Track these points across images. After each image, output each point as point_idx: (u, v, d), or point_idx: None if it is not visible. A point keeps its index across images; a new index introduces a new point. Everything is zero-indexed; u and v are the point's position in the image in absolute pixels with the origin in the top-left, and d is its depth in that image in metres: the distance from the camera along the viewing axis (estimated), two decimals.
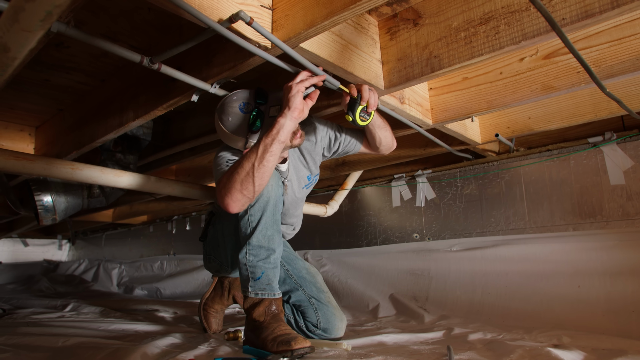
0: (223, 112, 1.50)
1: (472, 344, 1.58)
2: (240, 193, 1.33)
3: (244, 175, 1.31)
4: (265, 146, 1.33)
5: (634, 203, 2.08)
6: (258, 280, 1.53)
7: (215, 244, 1.89)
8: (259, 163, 1.31)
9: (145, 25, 1.61)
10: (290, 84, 1.39)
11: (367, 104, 1.50)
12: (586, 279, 2.02)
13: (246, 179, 1.31)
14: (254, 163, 1.31)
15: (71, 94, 2.20)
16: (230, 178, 1.34)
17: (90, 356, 1.35)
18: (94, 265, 5.62)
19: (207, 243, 1.95)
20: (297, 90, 1.37)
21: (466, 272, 2.42)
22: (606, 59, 1.55)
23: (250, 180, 1.31)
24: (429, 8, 1.54)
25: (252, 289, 1.53)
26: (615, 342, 1.56)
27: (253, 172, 1.31)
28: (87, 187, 2.61)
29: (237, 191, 1.32)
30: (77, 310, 2.76)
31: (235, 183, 1.32)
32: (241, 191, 1.33)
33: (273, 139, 1.34)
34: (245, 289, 1.55)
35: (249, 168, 1.31)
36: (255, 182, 1.32)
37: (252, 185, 1.32)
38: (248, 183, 1.32)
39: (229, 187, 1.33)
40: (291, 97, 1.36)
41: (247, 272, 1.54)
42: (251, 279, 1.53)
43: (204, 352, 1.46)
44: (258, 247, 1.53)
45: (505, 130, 2.25)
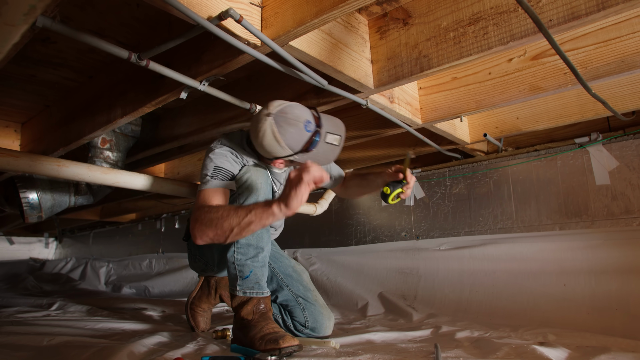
0: (286, 122, 1.44)
1: (460, 342, 1.59)
2: (211, 240, 1.35)
3: (220, 232, 1.32)
4: (250, 223, 1.30)
5: (618, 203, 2.11)
6: (246, 279, 1.52)
7: None
8: (237, 233, 1.32)
9: (133, 22, 1.60)
10: (299, 178, 1.26)
11: (404, 192, 1.57)
12: (572, 277, 2.04)
13: (220, 235, 1.33)
14: (233, 229, 1.31)
15: (58, 90, 2.17)
16: (208, 225, 1.33)
17: (76, 355, 1.34)
18: (82, 263, 5.55)
19: (192, 242, 1.93)
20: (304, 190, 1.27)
21: (454, 271, 2.44)
22: (592, 61, 1.57)
23: (223, 238, 1.34)
24: (418, 8, 1.54)
25: (241, 288, 1.52)
26: (600, 339, 1.58)
27: (228, 235, 1.32)
28: (74, 185, 2.58)
29: (209, 238, 1.35)
30: (63, 309, 2.72)
31: (209, 232, 1.33)
32: (212, 239, 1.35)
33: (261, 222, 1.30)
34: (234, 288, 1.54)
35: (227, 230, 1.32)
36: (227, 240, 1.34)
37: (224, 240, 1.34)
38: (221, 238, 1.34)
39: (203, 230, 1.34)
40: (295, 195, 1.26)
41: (235, 271, 1.53)
42: (239, 277, 1.52)
43: (192, 350, 1.45)
44: (246, 245, 1.53)
45: (493, 130, 2.27)
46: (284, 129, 1.44)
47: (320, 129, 1.47)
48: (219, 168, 1.52)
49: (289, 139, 1.45)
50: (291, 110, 1.47)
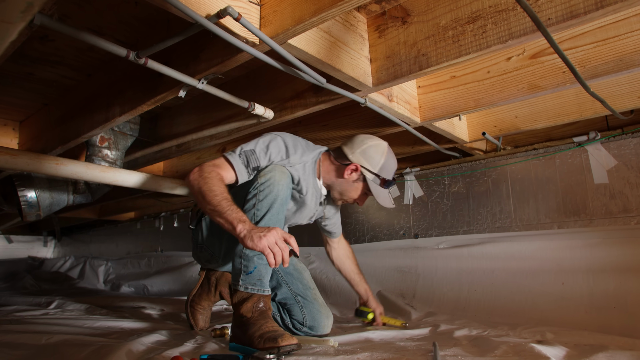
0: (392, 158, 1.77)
1: (458, 340, 1.59)
2: (193, 189, 1.46)
3: (200, 197, 1.43)
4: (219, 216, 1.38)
5: (616, 202, 2.11)
6: (250, 275, 1.51)
7: (210, 232, 1.82)
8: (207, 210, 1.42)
9: (132, 20, 1.59)
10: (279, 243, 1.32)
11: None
12: (570, 276, 2.05)
13: (198, 197, 1.44)
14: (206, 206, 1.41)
15: (56, 89, 2.17)
16: (202, 184, 1.43)
17: (74, 354, 1.34)
18: (80, 262, 5.55)
19: (199, 231, 1.88)
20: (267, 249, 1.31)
21: (453, 270, 2.44)
22: (591, 60, 1.57)
23: (197, 199, 1.45)
24: (417, 6, 1.54)
25: (243, 283, 1.51)
26: (597, 337, 1.59)
27: (202, 205, 1.44)
28: (72, 183, 2.58)
29: (193, 188, 1.45)
30: (61, 307, 2.72)
31: (198, 184, 1.44)
32: (194, 190, 1.45)
33: (222, 224, 1.39)
34: (236, 282, 1.53)
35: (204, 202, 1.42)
36: (197, 203, 1.47)
37: (196, 199, 1.46)
38: (197, 197, 1.45)
39: (197, 180, 1.44)
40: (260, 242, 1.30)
41: (241, 265, 1.52)
42: (243, 272, 1.51)
43: (190, 349, 1.45)
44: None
45: (492, 129, 2.27)
46: (389, 157, 1.74)
47: (394, 185, 1.76)
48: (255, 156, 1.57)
49: (386, 165, 1.72)
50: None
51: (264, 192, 1.51)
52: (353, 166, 1.71)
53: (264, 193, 1.51)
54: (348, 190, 1.77)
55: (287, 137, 1.66)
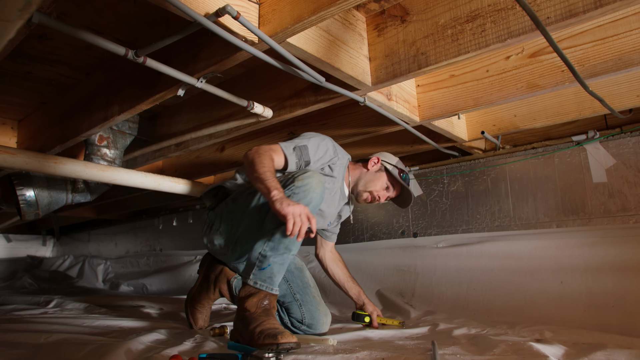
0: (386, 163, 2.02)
1: (457, 339, 1.59)
2: (247, 161, 1.59)
3: (251, 167, 1.55)
4: (262, 181, 1.49)
5: (615, 200, 2.12)
6: (262, 270, 1.54)
7: (231, 217, 1.79)
8: (253, 176, 1.54)
9: (130, 18, 1.59)
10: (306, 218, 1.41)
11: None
12: (569, 275, 2.05)
13: (250, 167, 1.57)
14: (256, 173, 1.53)
15: (55, 87, 2.16)
16: (256, 159, 1.56)
17: (73, 352, 1.34)
18: (79, 261, 5.55)
19: (218, 214, 1.85)
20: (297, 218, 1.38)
21: (452, 268, 2.44)
22: (590, 59, 1.57)
23: (249, 168, 1.57)
24: (416, 5, 1.54)
25: (254, 277, 1.54)
26: (596, 336, 1.59)
27: (252, 173, 1.55)
28: (71, 182, 2.57)
29: (248, 160, 1.59)
30: (60, 306, 2.72)
31: (252, 158, 1.57)
32: (249, 162, 1.57)
33: (265, 184, 1.48)
34: (247, 276, 1.56)
35: (255, 170, 1.53)
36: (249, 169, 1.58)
37: (248, 171, 1.58)
38: (249, 167, 1.57)
39: (254, 156, 1.58)
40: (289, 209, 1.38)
41: (256, 260, 1.55)
42: (257, 267, 1.54)
43: (189, 348, 1.45)
44: (280, 240, 1.54)
45: (491, 128, 2.27)
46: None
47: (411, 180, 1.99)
48: (307, 151, 1.71)
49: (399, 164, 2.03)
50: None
51: (298, 195, 1.54)
52: (375, 159, 2.00)
53: (299, 196, 1.54)
54: (372, 180, 1.98)
55: (330, 139, 1.85)
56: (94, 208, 4.82)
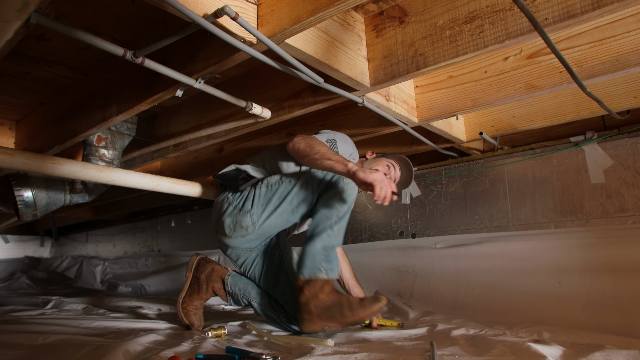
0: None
1: (455, 340, 1.59)
2: (300, 149, 1.71)
3: (309, 149, 1.69)
4: (329, 158, 1.65)
5: (613, 201, 2.12)
6: (332, 263, 1.72)
7: (262, 199, 1.82)
8: (318, 156, 1.67)
9: (129, 19, 1.59)
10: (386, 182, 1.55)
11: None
12: (567, 275, 2.06)
13: (308, 151, 1.69)
14: (316, 154, 1.67)
15: (53, 88, 2.16)
16: (310, 140, 1.72)
17: (71, 353, 1.33)
18: (77, 262, 5.54)
19: (247, 197, 1.85)
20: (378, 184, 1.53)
21: (450, 269, 2.45)
22: (587, 60, 1.58)
23: (306, 154, 1.70)
24: (415, 6, 1.54)
25: (325, 269, 1.69)
26: (594, 336, 1.59)
27: (313, 155, 1.67)
28: (69, 183, 2.57)
29: (300, 147, 1.72)
30: (58, 307, 2.71)
31: (306, 145, 1.71)
32: (301, 149, 1.71)
33: (332, 167, 1.63)
34: (315, 270, 1.69)
35: (315, 152, 1.67)
36: (306, 157, 1.71)
37: (304, 154, 1.70)
38: (306, 152, 1.70)
39: (302, 143, 1.72)
40: (368, 178, 1.53)
41: (321, 254, 1.70)
42: (324, 260, 1.70)
43: (187, 349, 1.45)
44: (336, 235, 1.74)
45: (489, 129, 2.28)
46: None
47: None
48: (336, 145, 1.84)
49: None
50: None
51: (346, 193, 1.72)
52: (370, 151, 2.14)
53: (347, 194, 1.72)
54: (375, 163, 2.07)
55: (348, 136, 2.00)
56: (92, 209, 4.81)
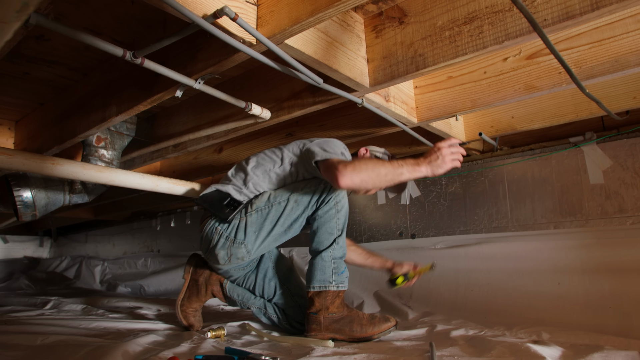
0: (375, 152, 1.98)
1: (455, 340, 1.59)
2: (359, 181, 1.53)
3: (373, 175, 1.53)
4: (401, 174, 1.53)
5: (612, 202, 2.12)
6: (341, 275, 1.74)
7: (257, 228, 1.74)
8: (388, 179, 1.54)
9: (128, 19, 1.59)
10: (442, 147, 1.54)
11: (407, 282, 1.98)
12: (566, 276, 2.06)
13: (373, 178, 1.53)
14: (387, 174, 1.53)
15: (52, 88, 2.16)
16: (362, 169, 1.53)
17: (70, 354, 1.33)
18: (76, 262, 5.53)
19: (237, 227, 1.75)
20: (448, 166, 1.53)
21: (450, 270, 2.45)
22: (587, 60, 1.58)
23: (372, 181, 1.54)
24: (414, 7, 1.54)
25: (335, 282, 1.71)
26: (593, 337, 1.59)
27: (381, 179, 1.54)
28: (68, 183, 2.56)
29: (358, 179, 1.52)
30: (57, 308, 2.71)
31: (362, 174, 1.52)
32: (361, 181, 1.53)
33: (409, 174, 1.54)
34: (327, 282, 1.70)
35: (382, 174, 1.53)
36: (373, 185, 1.56)
37: (371, 184, 1.55)
38: (371, 180, 1.53)
39: (354, 174, 1.51)
40: (442, 165, 1.53)
41: (331, 268, 1.72)
42: (334, 273, 1.72)
43: (186, 349, 1.45)
44: (341, 247, 1.75)
45: (489, 129, 2.28)
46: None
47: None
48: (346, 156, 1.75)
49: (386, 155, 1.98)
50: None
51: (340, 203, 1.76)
52: (363, 149, 1.99)
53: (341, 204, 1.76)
54: None
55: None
56: (92, 209, 4.81)
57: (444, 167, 1.53)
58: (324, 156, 1.64)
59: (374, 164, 1.54)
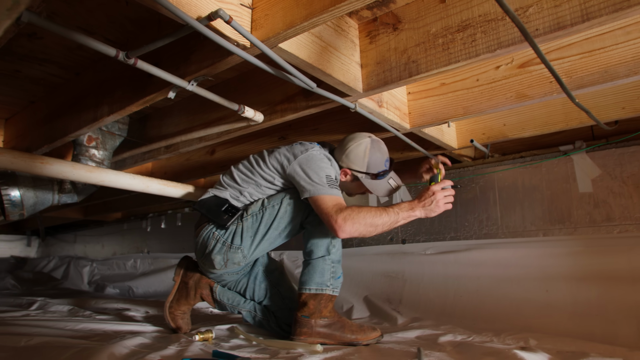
0: (378, 149, 1.87)
1: (442, 346, 1.60)
2: (358, 233, 1.59)
3: (371, 228, 1.60)
4: (397, 222, 1.64)
5: (600, 210, 2.15)
6: (338, 280, 1.75)
7: (253, 232, 1.75)
8: (384, 229, 1.62)
9: (122, 19, 1.58)
10: (436, 191, 1.66)
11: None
12: (554, 283, 2.07)
13: (370, 231, 1.60)
14: (384, 225, 1.61)
15: (44, 86, 2.14)
16: (361, 222, 1.58)
17: (55, 356, 1.32)
18: (64, 262, 5.47)
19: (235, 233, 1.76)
20: (441, 209, 1.66)
21: (439, 275, 2.46)
22: (577, 70, 1.60)
23: (369, 232, 1.60)
24: (408, 13, 1.56)
25: (332, 285, 1.72)
26: (579, 344, 1.61)
27: (379, 230, 1.61)
28: (58, 182, 2.54)
29: (357, 232, 1.58)
30: (43, 308, 2.68)
31: (360, 227, 1.58)
32: (360, 233, 1.59)
33: (405, 221, 1.65)
34: (324, 285, 1.70)
35: (379, 226, 1.60)
36: (371, 233, 1.62)
37: (369, 233, 1.61)
38: (368, 232, 1.60)
39: (354, 226, 1.57)
40: (436, 209, 1.66)
41: (330, 271, 1.72)
42: (332, 277, 1.73)
43: (173, 352, 1.44)
44: (338, 251, 1.75)
45: (480, 137, 2.30)
46: (374, 151, 1.84)
47: (390, 171, 1.90)
48: (332, 178, 1.71)
49: (372, 161, 1.84)
50: (383, 144, 1.92)
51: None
52: (344, 171, 1.90)
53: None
54: (351, 188, 2.00)
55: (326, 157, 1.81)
56: (81, 209, 4.76)
57: (437, 211, 1.65)
58: (313, 192, 1.65)
59: (372, 216, 1.59)
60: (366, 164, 1.84)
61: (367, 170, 1.85)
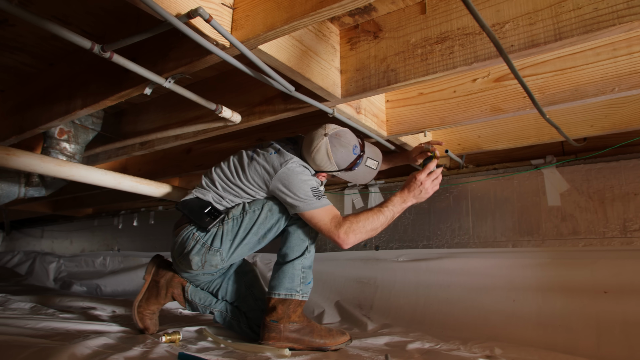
0: (338, 143, 1.76)
1: (410, 353, 1.61)
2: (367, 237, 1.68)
3: (373, 233, 1.68)
4: (393, 217, 1.72)
5: (567, 224, 2.21)
6: (308, 285, 1.75)
7: (232, 236, 1.73)
8: (385, 225, 1.71)
9: (100, 11, 1.55)
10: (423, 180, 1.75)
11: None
12: (521, 293, 2.12)
13: (372, 235, 1.69)
14: (383, 225, 1.70)
15: (14, 76, 2.08)
16: (361, 230, 1.65)
17: (12, 356, 1.27)
18: (30, 258, 5.28)
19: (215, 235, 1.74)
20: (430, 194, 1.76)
21: (411, 283, 2.48)
22: (550, 87, 1.65)
23: (372, 236, 1.68)
24: (389, 22, 1.58)
25: (301, 291, 1.73)
26: (542, 354, 1.65)
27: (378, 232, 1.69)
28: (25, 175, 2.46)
29: (362, 240, 1.67)
30: (3, 305, 2.58)
31: (364, 235, 1.66)
32: (364, 240, 1.68)
33: (399, 214, 1.74)
34: (294, 291, 1.71)
35: (379, 228, 1.69)
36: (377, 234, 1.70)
37: (374, 235, 1.70)
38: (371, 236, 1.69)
39: (358, 236, 1.64)
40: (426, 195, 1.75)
41: (300, 277, 1.73)
42: (302, 282, 1.73)
43: (138, 354, 1.41)
44: (312, 255, 1.78)
45: (456, 147, 2.34)
46: (336, 149, 1.76)
47: (364, 154, 1.84)
48: (316, 187, 1.71)
49: (338, 158, 1.77)
50: (344, 134, 1.79)
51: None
52: (319, 175, 1.88)
53: None
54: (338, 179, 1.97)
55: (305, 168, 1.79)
56: (50, 203, 4.62)
57: (426, 196, 1.75)
58: (303, 208, 1.67)
59: (371, 222, 1.66)
60: (335, 163, 1.78)
61: (338, 168, 1.80)
